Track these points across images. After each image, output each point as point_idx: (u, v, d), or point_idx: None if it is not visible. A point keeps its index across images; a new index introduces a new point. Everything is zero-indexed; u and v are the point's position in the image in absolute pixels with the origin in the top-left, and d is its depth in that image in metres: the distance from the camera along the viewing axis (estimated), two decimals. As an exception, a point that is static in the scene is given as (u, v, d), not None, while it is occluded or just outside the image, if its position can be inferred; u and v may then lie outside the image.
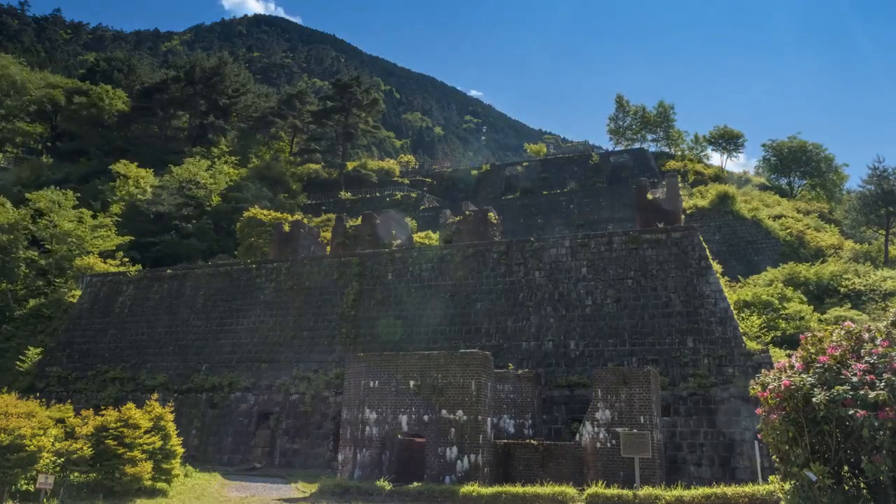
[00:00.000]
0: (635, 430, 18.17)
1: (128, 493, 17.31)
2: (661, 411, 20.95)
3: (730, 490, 14.96)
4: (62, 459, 16.44)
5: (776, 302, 33.17)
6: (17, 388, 30.55)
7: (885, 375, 8.86)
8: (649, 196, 33.23)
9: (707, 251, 26.93)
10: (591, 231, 39.96)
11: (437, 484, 17.91)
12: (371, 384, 20.26)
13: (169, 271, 36.84)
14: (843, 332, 10.07)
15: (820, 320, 31.00)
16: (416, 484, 17.82)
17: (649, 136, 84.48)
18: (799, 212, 57.69)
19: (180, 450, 19.50)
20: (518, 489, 16.56)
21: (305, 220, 44.83)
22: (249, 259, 39.55)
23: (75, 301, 38.25)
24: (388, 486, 17.79)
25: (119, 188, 58.11)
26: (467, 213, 35.70)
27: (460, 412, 18.92)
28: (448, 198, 71.75)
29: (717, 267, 27.66)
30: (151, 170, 62.35)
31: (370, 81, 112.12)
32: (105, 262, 43.79)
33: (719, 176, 69.53)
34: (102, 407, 21.20)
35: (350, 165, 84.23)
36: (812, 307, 33.38)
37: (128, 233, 48.96)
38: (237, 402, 29.64)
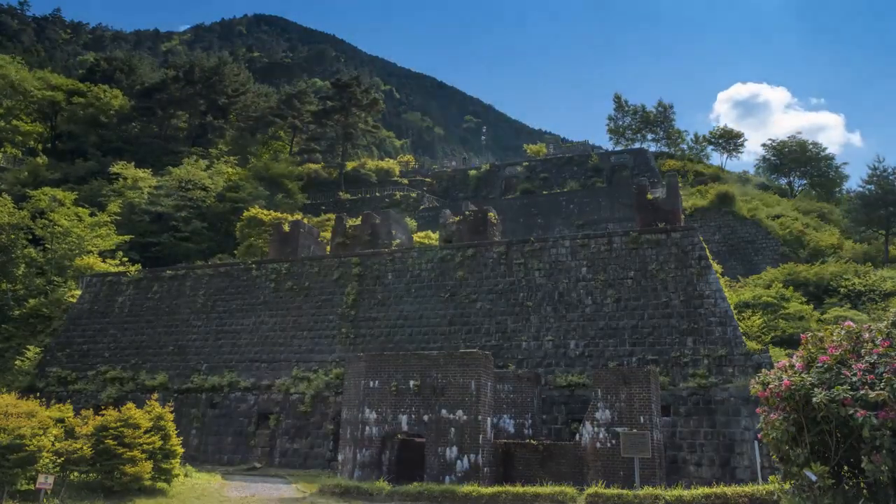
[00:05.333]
0: (635, 430, 18.15)
1: (128, 492, 17.28)
2: (661, 411, 20.93)
3: (730, 490, 14.94)
4: (62, 459, 16.40)
5: (776, 302, 33.18)
6: (17, 388, 30.52)
7: (886, 375, 8.85)
8: (649, 196, 33.19)
9: (707, 251, 26.92)
10: (591, 231, 39.96)
11: (436, 484, 17.88)
12: (371, 384, 20.25)
13: (169, 271, 36.81)
14: (843, 332, 10.06)
15: (820, 320, 30.99)
16: (415, 484, 17.80)
17: (649, 136, 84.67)
18: (799, 211, 57.72)
19: (180, 450, 19.45)
20: (518, 489, 16.55)
21: (305, 220, 44.78)
22: (249, 259, 39.53)
23: (75, 301, 38.21)
24: (387, 486, 17.77)
25: (118, 188, 58.08)
26: (467, 213, 35.61)
27: (460, 412, 18.91)
28: (448, 198, 71.73)
29: (717, 267, 27.66)
30: (150, 170, 62.36)
31: (370, 81, 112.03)
32: (105, 262, 43.75)
33: (719, 176, 69.57)
34: (102, 407, 21.20)
35: (350, 165, 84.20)
36: (812, 307, 33.38)
37: (127, 233, 48.95)
38: (237, 402, 29.63)
